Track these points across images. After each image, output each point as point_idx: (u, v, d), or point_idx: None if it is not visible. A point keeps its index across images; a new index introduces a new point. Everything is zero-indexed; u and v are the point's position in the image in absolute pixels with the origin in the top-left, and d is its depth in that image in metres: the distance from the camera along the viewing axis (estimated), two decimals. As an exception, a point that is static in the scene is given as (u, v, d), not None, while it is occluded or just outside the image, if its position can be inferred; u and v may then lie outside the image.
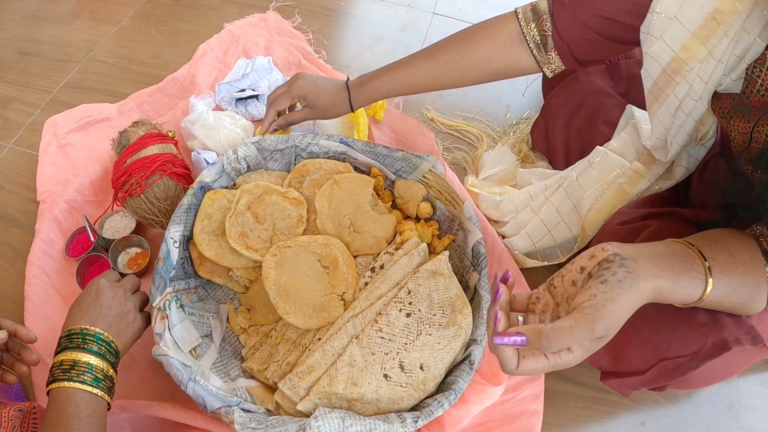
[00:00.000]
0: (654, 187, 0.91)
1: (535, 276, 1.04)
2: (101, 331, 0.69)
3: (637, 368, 0.75)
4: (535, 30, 0.83)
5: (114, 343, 0.70)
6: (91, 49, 1.39)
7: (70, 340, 0.67)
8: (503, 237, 1.06)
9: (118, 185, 0.97)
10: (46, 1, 1.54)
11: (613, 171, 0.93)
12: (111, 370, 0.68)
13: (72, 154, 1.14)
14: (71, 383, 0.63)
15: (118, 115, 1.23)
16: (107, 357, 0.68)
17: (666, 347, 0.70)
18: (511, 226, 1.01)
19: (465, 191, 1.11)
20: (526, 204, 1.04)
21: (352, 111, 0.97)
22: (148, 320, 0.79)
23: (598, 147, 0.96)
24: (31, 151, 1.18)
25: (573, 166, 0.98)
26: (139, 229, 1.03)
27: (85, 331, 0.68)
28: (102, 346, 0.68)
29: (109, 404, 0.66)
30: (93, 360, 0.65)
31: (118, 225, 1.03)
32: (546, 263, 1.02)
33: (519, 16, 0.85)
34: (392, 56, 1.38)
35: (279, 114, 1.00)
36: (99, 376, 0.65)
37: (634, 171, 0.91)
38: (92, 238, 0.97)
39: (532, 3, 0.85)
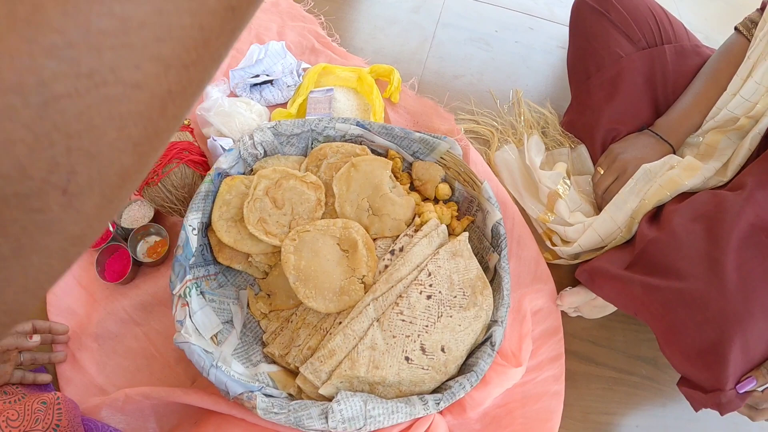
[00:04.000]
0: (706, 183, 0.94)
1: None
2: None
3: (701, 386, 0.79)
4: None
5: None
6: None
7: None
8: (554, 245, 1.07)
9: (135, 175, 1.00)
10: None
11: (666, 165, 0.95)
12: None
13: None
14: None
15: None
16: None
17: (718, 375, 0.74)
18: (577, 229, 1.03)
19: (488, 171, 1.13)
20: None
21: (677, 148, 1.03)
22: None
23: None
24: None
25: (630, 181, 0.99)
26: (157, 218, 1.06)
27: None
28: None
29: None
30: None
31: (137, 214, 1.06)
32: (575, 261, 1.04)
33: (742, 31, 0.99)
34: (406, 39, 1.41)
35: None
36: None
37: (689, 164, 0.93)
38: (111, 228, 1.00)
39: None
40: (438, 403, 0.77)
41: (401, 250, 0.90)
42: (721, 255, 0.74)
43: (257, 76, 1.20)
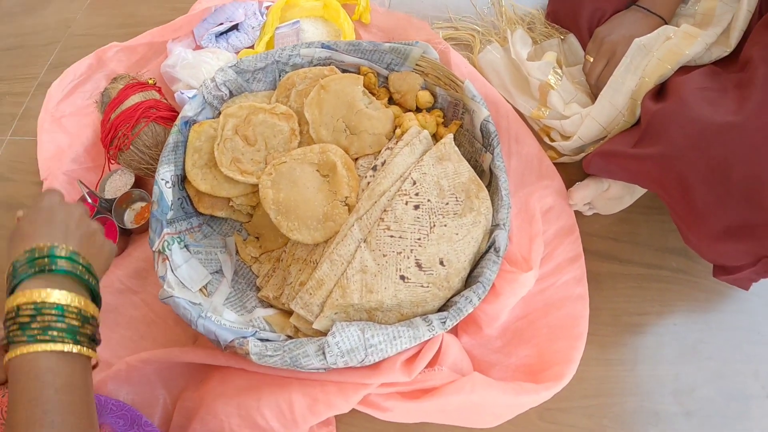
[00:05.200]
0: (710, 54, 0.84)
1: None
2: (75, 250, 0.50)
3: (743, 263, 0.72)
4: None
5: (92, 268, 0.52)
6: (68, 27, 1.39)
7: (31, 264, 0.47)
8: (552, 141, 0.98)
9: (107, 143, 0.97)
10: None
11: (661, 37, 0.84)
12: (92, 308, 0.50)
13: (66, 124, 1.15)
14: (32, 346, 0.44)
15: (97, 64, 1.22)
16: (85, 286, 0.51)
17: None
18: (574, 121, 0.94)
19: (473, 72, 1.03)
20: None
21: (668, 20, 0.93)
22: (115, 250, 0.61)
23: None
24: (28, 137, 1.19)
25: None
26: (139, 183, 1.03)
27: (54, 249, 0.49)
28: (78, 269, 0.50)
29: (94, 360, 0.50)
30: (64, 297, 0.47)
31: (118, 183, 1.03)
32: (580, 156, 0.95)
33: None
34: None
35: None
36: (74, 322, 0.47)
37: (687, 31, 0.83)
38: (90, 202, 0.98)
39: None
40: (444, 322, 0.71)
41: (383, 164, 0.83)
42: (740, 118, 0.65)
43: (221, 24, 1.15)
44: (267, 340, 0.75)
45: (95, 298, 0.52)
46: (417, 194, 0.77)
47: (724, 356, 0.82)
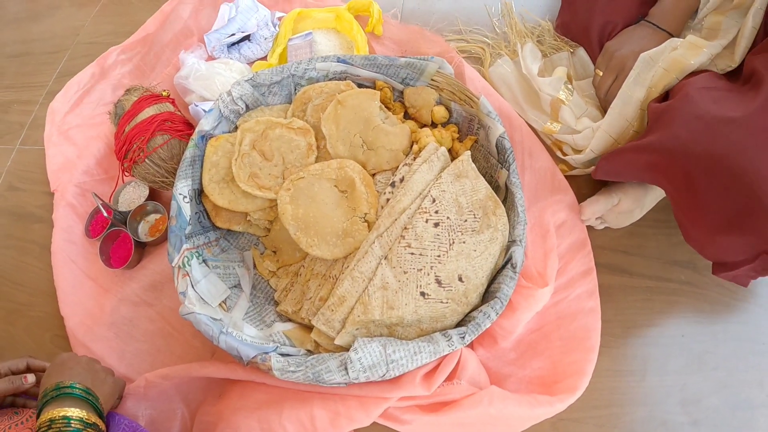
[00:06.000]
0: (714, 66, 0.86)
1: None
2: (75, 381, 0.68)
3: (743, 258, 0.73)
4: None
5: (91, 390, 0.69)
6: (77, 35, 1.40)
7: (45, 400, 0.65)
8: (564, 155, 1.00)
9: (122, 155, 0.98)
10: (25, 1, 1.57)
11: (667, 49, 0.86)
12: (94, 417, 0.66)
13: (74, 136, 1.15)
14: None
15: (100, 73, 1.24)
16: (87, 403, 0.67)
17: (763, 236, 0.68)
18: (586, 135, 0.96)
19: (487, 86, 1.05)
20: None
21: (677, 35, 0.95)
22: (122, 383, 0.80)
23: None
24: (37, 146, 1.20)
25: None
26: (153, 195, 1.04)
27: (59, 385, 0.67)
28: (79, 393, 0.67)
29: None
30: (71, 412, 0.64)
31: (132, 196, 1.04)
32: (593, 167, 0.97)
33: None
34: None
35: None
36: (78, 426, 0.63)
37: (692, 42, 0.85)
38: (106, 215, 0.99)
39: None
40: (463, 337, 0.73)
41: (402, 180, 0.85)
42: (744, 114, 0.67)
43: (233, 35, 1.17)
44: (288, 354, 0.76)
45: (100, 415, 0.68)
46: (437, 212, 0.79)
47: (729, 366, 0.84)
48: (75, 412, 0.64)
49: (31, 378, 0.74)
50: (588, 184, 0.97)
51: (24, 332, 1.01)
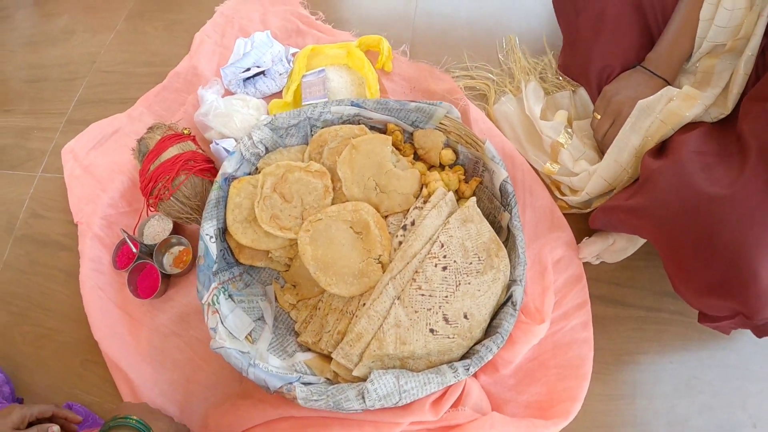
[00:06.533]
0: (709, 114, 0.92)
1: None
2: (131, 414, 0.75)
3: (724, 315, 0.80)
4: None
5: (147, 423, 0.75)
6: (93, 62, 1.46)
7: (114, 420, 0.73)
8: (562, 195, 1.08)
9: (147, 192, 1.05)
10: (39, 24, 1.62)
11: (663, 98, 0.93)
12: None
13: (96, 172, 1.22)
14: None
15: (129, 122, 1.30)
16: None
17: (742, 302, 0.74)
18: (582, 177, 1.03)
19: (492, 128, 1.13)
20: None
21: (672, 81, 1.01)
22: (183, 427, 0.87)
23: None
24: (59, 175, 1.26)
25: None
26: (176, 228, 1.11)
27: (116, 416, 0.74)
28: (134, 423, 0.73)
29: None
30: None
31: (157, 228, 1.12)
32: (588, 210, 1.05)
33: None
34: (391, 1, 1.40)
35: None
36: None
37: (688, 94, 0.91)
38: (134, 250, 1.06)
39: None
40: (467, 369, 0.82)
41: (413, 224, 0.93)
42: (730, 191, 0.73)
43: (248, 69, 1.23)
44: (309, 383, 0.85)
45: None
46: (445, 256, 0.88)
47: (714, 390, 0.93)
48: None
49: (56, 429, 0.79)
50: (585, 219, 1.05)
51: (53, 356, 1.08)
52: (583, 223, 1.05)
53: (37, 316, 1.13)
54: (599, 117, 1.03)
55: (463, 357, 0.88)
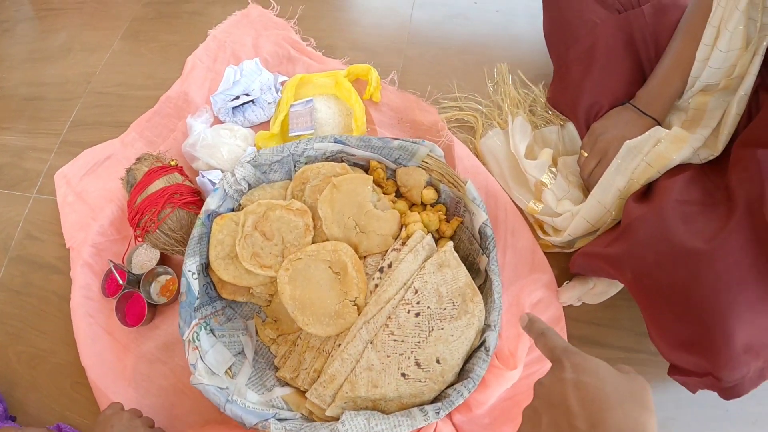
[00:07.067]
0: (697, 156, 0.91)
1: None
2: None
3: (694, 371, 0.80)
4: None
5: None
6: (88, 82, 1.49)
7: None
8: (545, 234, 1.09)
9: (135, 223, 1.08)
10: (38, 40, 1.66)
11: (651, 140, 0.93)
12: None
13: (88, 198, 1.26)
14: None
15: (122, 148, 1.33)
16: None
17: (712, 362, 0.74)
18: (565, 218, 1.04)
19: (477, 165, 1.14)
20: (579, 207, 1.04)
21: (661, 120, 1.01)
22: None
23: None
24: (52, 197, 1.31)
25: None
26: (163, 258, 1.15)
27: None
28: None
29: None
30: None
31: (144, 258, 1.15)
32: (571, 250, 1.06)
33: None
34: (382, 28, 1.41)
35: None
36: None
37: (676, 136, 0.91)
38: (120, 281, 1.10)
39: None
40: (438, 413, 0.84)
41: (389, 266, 0.95)
42: (708, 247, 0.73)
43: (237, 97, 1.25)
44: (285, 419, 0.88)
45: None
46: (418, 302, 0.90)
47: (691, 430, 0.95)
48: None
49: None
50: (568, 258, 1.06)
51: (46, 377, 1.13)
52: (566, 263, 1.06)
53: (31, 337, 1.18)
54: (586, 155, 1.03)
55: (435, 399, 0.90)
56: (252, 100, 1.26)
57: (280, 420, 0.86)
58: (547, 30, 1.17)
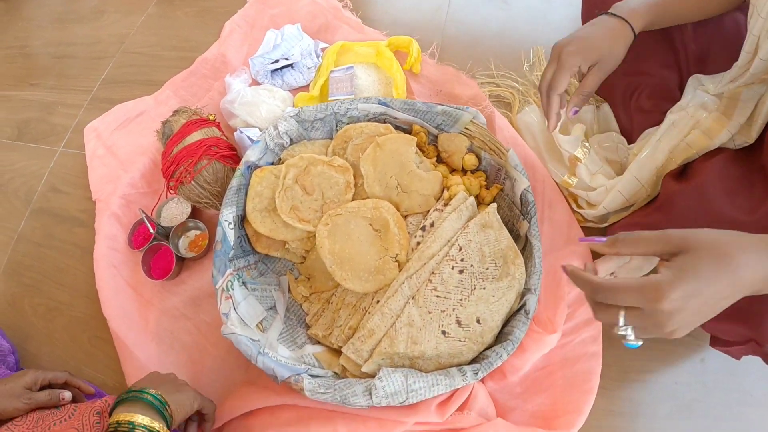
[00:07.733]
0: (733, 141, 0.92)
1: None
2: (148, 387, 0.74)
3: (736, 340, 0.81)
4: None
5: (163, 397, 0.74)
6: (122, 42, 1.50)
7: (117, 401, 0.73)
8: (579, 208, 1.09)
9: (169, 174, 1.08)
10: (69, 2, 1.66)
11: (692, 121, 0.94)
12: (157, 425, 0.71)
13: (118, 152, 1.26)
14: None
15: (155, 105, 1.33)
16: (154, 410, 0.72)
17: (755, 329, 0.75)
18: (600, 192, 1.04)
19: (516, 137, 1.15)
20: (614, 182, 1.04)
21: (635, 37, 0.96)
22: (209, 403, 0.85)
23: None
24: (80, 151, 1.30)
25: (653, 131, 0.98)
26: (194, 213, 1.14)
27: (131, 389, 0.74)
28: (148, 399, 0.73)
29: None
30: (138, 418, 0.69)
31: (174, 211, 1.15)
32: (605, 224, 1.06)
33: None
34: (421, 5, 1.43)
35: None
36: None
37: (716, 119, 0.92)
38: (151, 230, 1.09)
39: None
40: (476, 374, 0.84)
41: (432, 225, 0.96)
42: (752, 218, 0.74)
43: (276, 61, 1.26)
44: (317, 376, 0.87)
45: (166, 421, 0.74)
46: (462, 260, 0.90)
47: (716, 415, 0.94)
48: (140, 419, 0.69)
49: (67, 396, 0.82)
50: (600, 233, 1.07)
51: (62, 330, 1.12)
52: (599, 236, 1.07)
53: (50, 289, 1.16)
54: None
55: (473, 361, 0.90)
56: (291, 65, 1.26)
57: (312, 376, 0.86)
58: (585, 16, 1.18)
